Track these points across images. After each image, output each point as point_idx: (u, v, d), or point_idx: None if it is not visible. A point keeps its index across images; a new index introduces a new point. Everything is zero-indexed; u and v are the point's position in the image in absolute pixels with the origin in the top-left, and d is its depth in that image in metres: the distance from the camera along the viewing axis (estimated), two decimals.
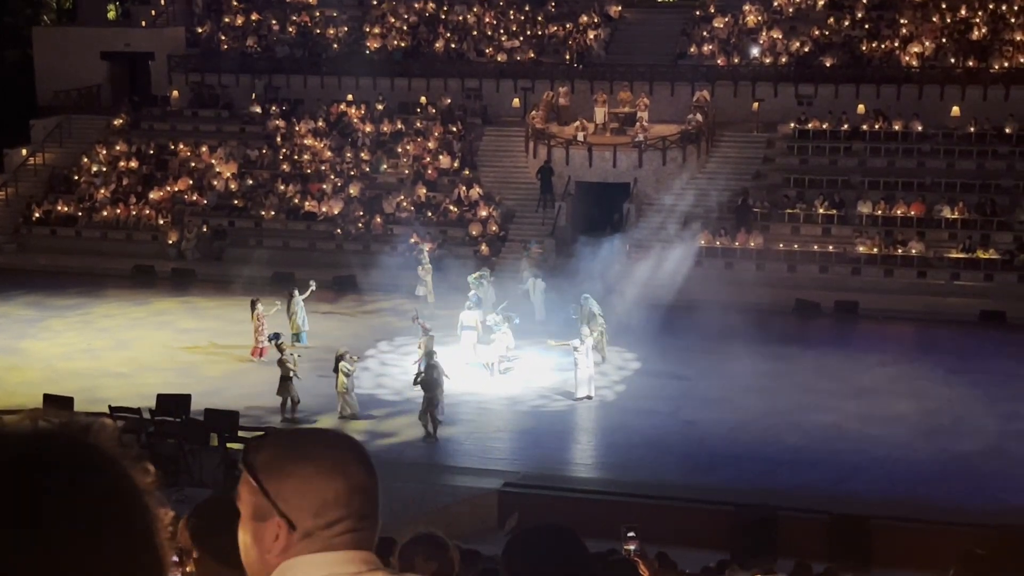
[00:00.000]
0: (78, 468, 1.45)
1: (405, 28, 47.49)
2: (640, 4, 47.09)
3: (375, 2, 48.75)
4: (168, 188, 42.76)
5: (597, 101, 42.15)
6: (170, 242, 40.40)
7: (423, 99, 44.81)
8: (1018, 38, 41.59)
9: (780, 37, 43.68)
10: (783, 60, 43.05)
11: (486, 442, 24.46)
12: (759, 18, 44.59)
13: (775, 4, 44.78)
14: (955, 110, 39.97)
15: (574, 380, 26.48)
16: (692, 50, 44.10)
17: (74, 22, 53.61)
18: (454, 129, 43.18)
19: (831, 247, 36.35)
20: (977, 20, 42.57)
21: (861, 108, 40.71)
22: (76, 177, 44.00)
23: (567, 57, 44.96)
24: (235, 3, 49.82)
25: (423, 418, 24.29)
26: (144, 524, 1.49)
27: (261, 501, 2.14)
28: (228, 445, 22.04)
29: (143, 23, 49.98)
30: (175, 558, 3.28)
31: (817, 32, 43.54)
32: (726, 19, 44.70)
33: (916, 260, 35.53)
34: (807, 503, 20.81)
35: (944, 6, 43.15)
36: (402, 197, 40.67)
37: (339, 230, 39.87)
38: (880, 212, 37.12)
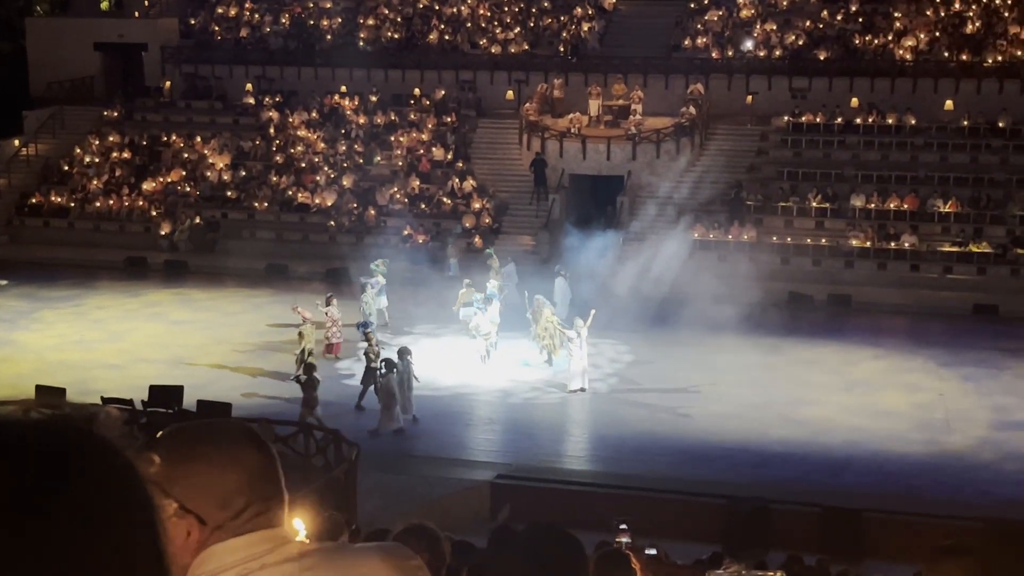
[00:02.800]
0: (82, 457, 1.46)
1: (399, 19, 47.44)
2: None
3: None
4: (161, 179, 42.70)
5: (591, 93, 42.12)
6: (163, 233, 40.33)
7: (417, 91, 44.76)
8: (1012, 32, 41.63)
9: (774, 30, 43.68)
10: (777, 53, 43.06)
11: (478, 434, 24.48)
12: (753, 11, 44.59)
13: None
14: (948, 104, 40.03)
15: (567, 372, 26.52)
16: (686, 43, 44.09)
17: (67, 13, 53.42)
18: (448, 121, 43.16)
19: (824, 240, 36.38)
20: (971, 14, 42.61)
21: (855, 101, 40.75)
22: (69, 168, 43.93)
23: (561, 49, 44.93)
24: None
25: (301, 421, 22.96)
26: (146, 515, 1.49)
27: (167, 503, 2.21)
28: None
29: (136, 14, 49.87)
30: None
31: (811, 25, 43.55)
32: (720, 12, 44.69)
33: (909, 253, 35.57)
34: (799, 496, 20.87)
35: (938, 0, 43.20)
36: (395, 189, 40.63)
37: (332, 222, 39.83)
38: (873, 205, 37.16)
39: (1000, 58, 40.93)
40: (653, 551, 14.20)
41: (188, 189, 42.15)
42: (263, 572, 2.21)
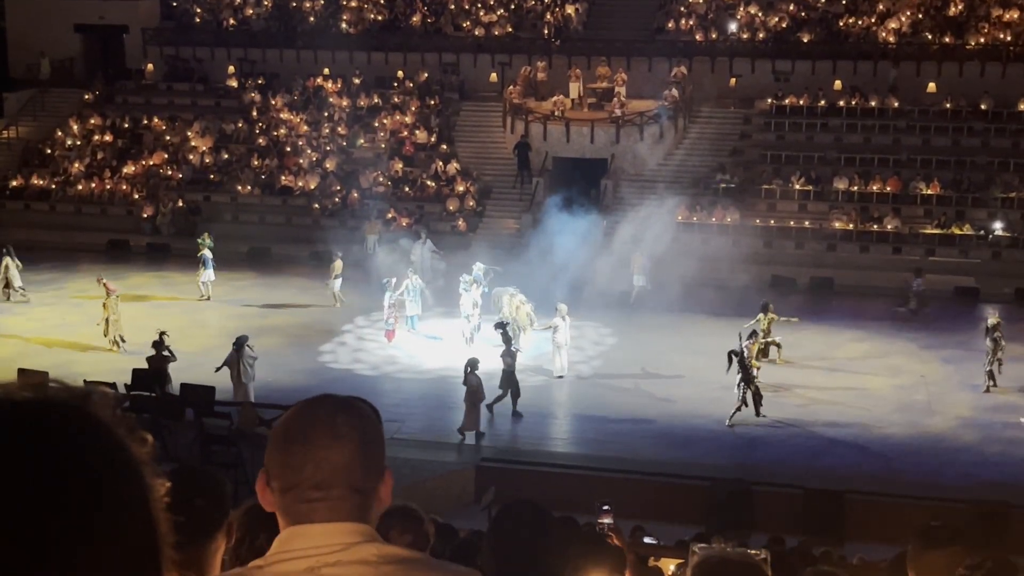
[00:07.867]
0: (77, 436, 1.45)
1: (382, 2, 47.25)
2: None
3: None
4: (143, 162, 42.50)
5: (574, 76, 42.07)
6: (145, 216, 40.18)
7: (400, 73, 44.62)
8: (994, 14, 41.70)
9: (758, 13, 43.66)
10: (760, 36, 43.05)
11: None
12: None
13: None
14: (931, 86, 40.09)
15: (552, 356, 26.54)
16: (670, 25, 44.04)
17: None
18: (431, 104, 43.05)
19: (807, 223, 36.46)
20: None
21: (838, 84, 40.79)
22: (50, 151, 43.68)
23: (545, 32, 44.84)
24: None
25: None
26: (140, 494, 1.49)
27: None
28: (203, 420, 22.01)
29: None
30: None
31: (794, 8, 43.54)
32: None
33: (891, 236, 35.69)
34: (781, 478, 20.95)
35: None
36: (378, 172, 40.54)
37: (316, 205, 39.73)
38: (856, 188, 37.25)
39: (982, 40, 41.00)
40: (651, 539, 14.24)
41: (170, 172, 41.98)
42: (336, 569, 2.11)
